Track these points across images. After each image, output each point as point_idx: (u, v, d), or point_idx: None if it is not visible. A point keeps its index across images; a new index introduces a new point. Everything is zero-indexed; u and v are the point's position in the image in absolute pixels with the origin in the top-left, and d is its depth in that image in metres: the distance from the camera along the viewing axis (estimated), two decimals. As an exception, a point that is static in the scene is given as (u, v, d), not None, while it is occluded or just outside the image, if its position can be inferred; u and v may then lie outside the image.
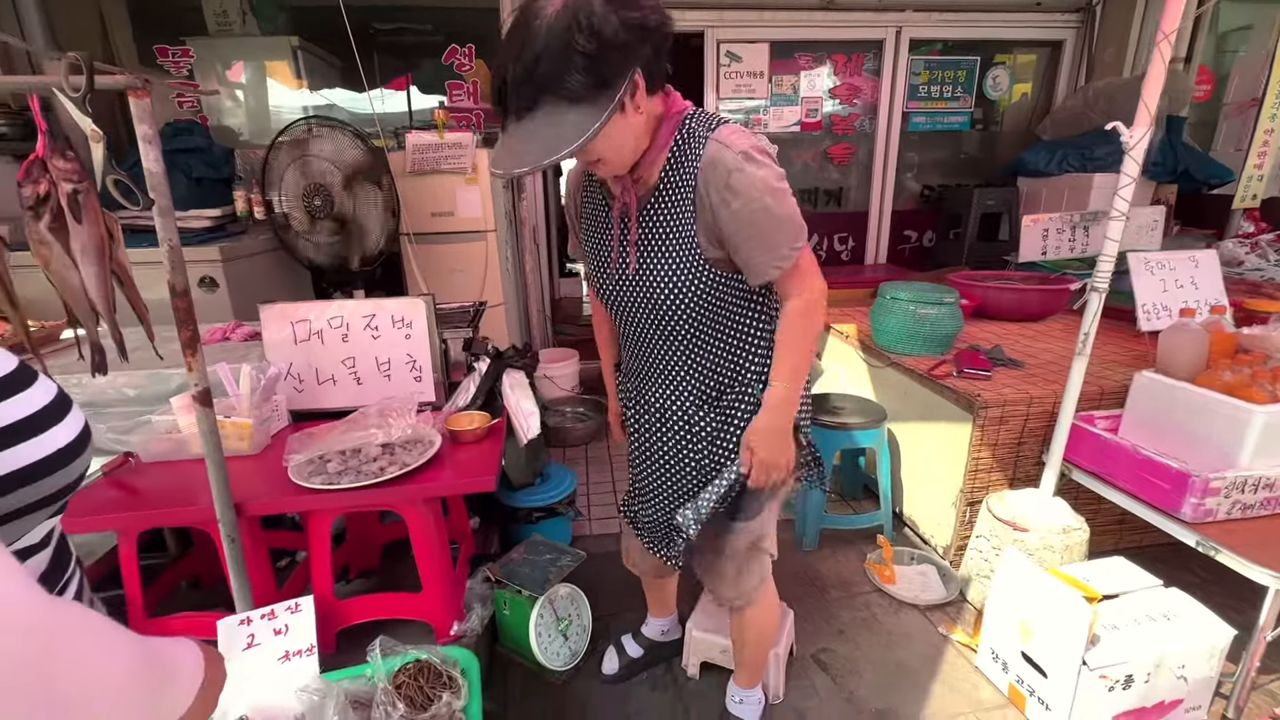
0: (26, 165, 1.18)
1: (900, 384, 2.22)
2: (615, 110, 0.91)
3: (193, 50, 3.38)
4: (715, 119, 1.03)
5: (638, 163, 1.02)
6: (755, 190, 0.96)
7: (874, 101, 3.85)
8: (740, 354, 1.15)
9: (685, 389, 1.18)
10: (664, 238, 1.04)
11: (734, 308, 1.10)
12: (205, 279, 2.48)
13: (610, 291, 1.15)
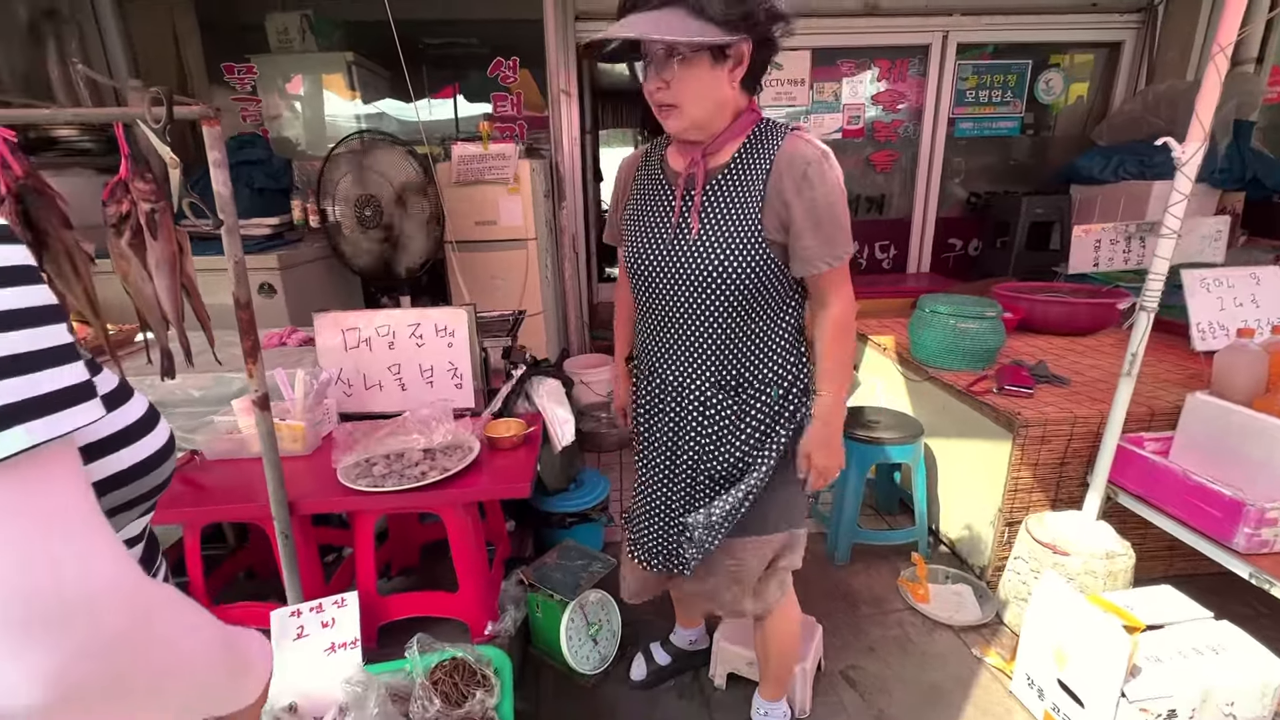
0: (111, 186, 1.29)
1: (938, 399, 2.18)
2: (721, 57, 1.00)
3: (256, 67, 3.57)
4: (793, 124, 1.12)
5: (707, 143, 1.08)
6: (829, 186, 1.05)
7: (918, 107, 3.78)
8: (766, 347, 1.17)
9: (706, 372, 1.18)
10: (729, 210, 1.08)
11: (773, 296, 1.13)
12: (264, 285, 2.62)
13: (659, 260, 1.14)
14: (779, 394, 1.20)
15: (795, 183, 1.05)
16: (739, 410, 1.19)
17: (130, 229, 1.31)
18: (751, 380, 1.18)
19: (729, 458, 1.21)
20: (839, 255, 1.09)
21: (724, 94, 1.05)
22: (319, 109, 3.74)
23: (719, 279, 1.10)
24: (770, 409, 1.20)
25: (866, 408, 2.31)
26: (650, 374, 1.27)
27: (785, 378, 1.20)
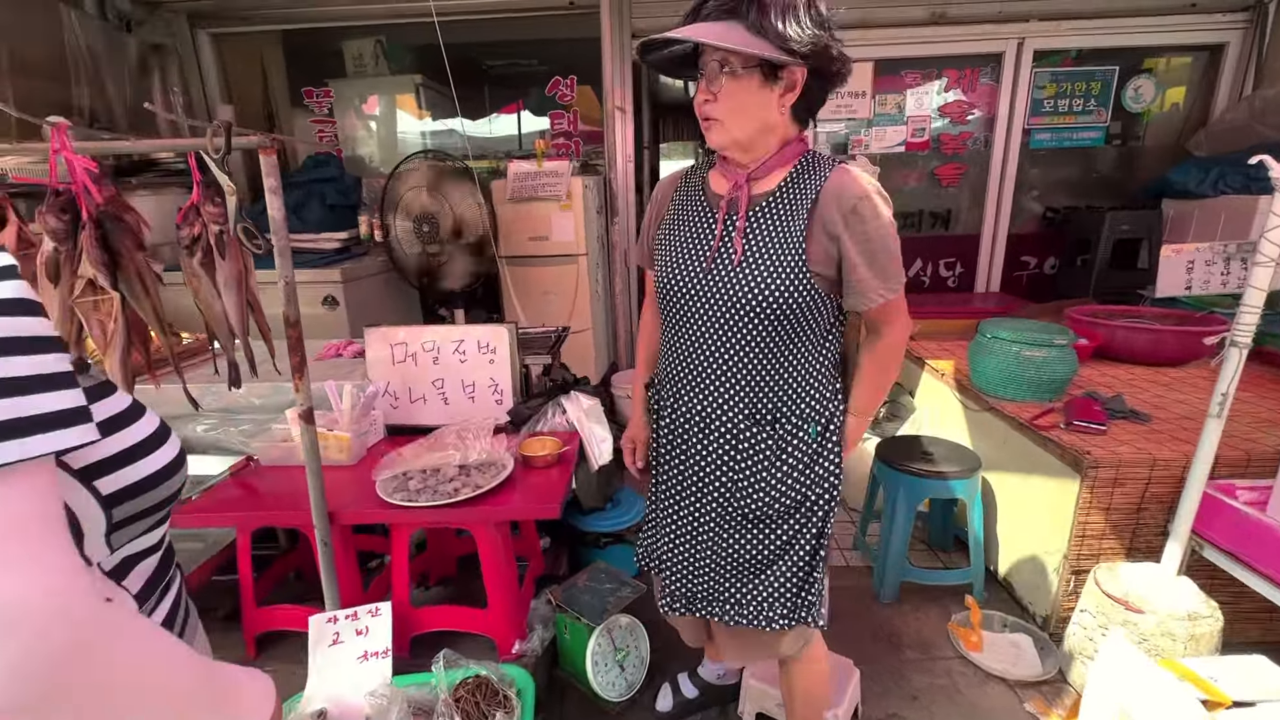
0: (184, 211, 1.38)
1: (999, 431, 2.04)
2: (772, 78, 0.99)
3: (332, 90, 3.80)
4: (839, 158, 1.11)
5: (752, 167, 1.07)
6: (881, 220, 1.02)
7: (990, 118, 3.59)
8: (803, 380, 1.12)
9: (740, 405, 1.14)
10: (773, 237, 1.06)
11: (814, 327, 1.10)
12: (328, 298, 2.77)
13: (695, 283, 1.11)
14: (817, 430, 1.15)
15: (844, 217, 1.02)
16: (777, 445, 1.15)
17: (201, 250, 1.40)
18: (790, 414, 1.14)
19: (766, 495, 1.16)
20: (892, 288, 1.06)
21: (771, 117, 1.03)
22: (389, 128, 3.93)
23: (760, 306, 1.06)
24: (809, 446, 1.15)
25: (922, 437, 2.19)
26: (674, 405, 1.23)
27: (824, 414, 1.15)
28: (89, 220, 1.20)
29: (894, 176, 3.71)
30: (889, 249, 1.04)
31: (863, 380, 1.18)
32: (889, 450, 2.07)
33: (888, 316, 1.11)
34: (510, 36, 3.70)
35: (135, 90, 3.27)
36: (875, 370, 1.16)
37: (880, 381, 1.18)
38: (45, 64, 2.80)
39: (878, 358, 1.16)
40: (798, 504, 1.17)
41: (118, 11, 3.13)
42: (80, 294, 1.21)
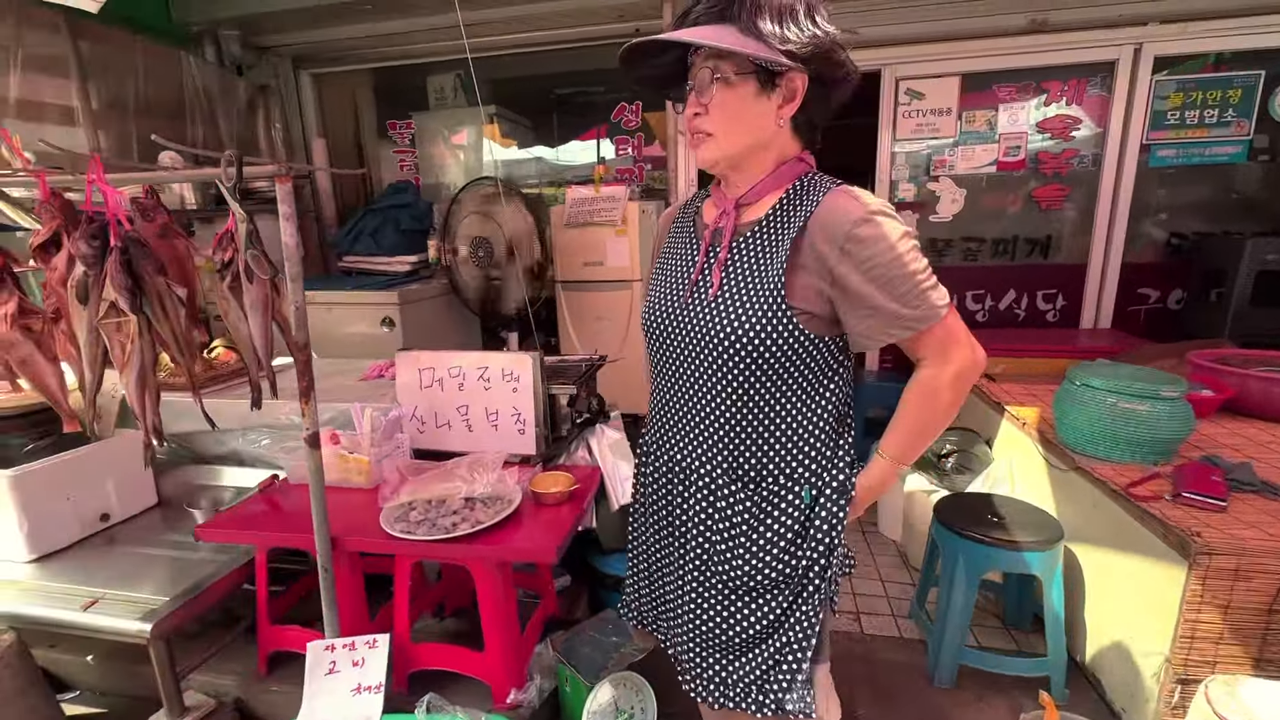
0: (220, 237, 1.44)
1: (1087, 495, 1.73)
2: (769, 85, 0.90)
3: (414, 122, 4.01)
4: (838, 182, 0.96)
5: (744, 190, 0.97)
6: (882, 242, 0.87)
7: (1099, 134, 3.19)
8: (794, 436, 0.98)
9: (719, 456, 1.01)
10: (751, 271, 0.95)
11: (805, 375, 0.96)
12: (386, 319, 2.87)
13: (672, 318, 1.02)
14: (810, 496, 0.99)
15: (838, 246, 0.88)
16: (759, 509, 1.00)
17: (231, 274, 1.45)
18: (776, 475, 0.99)
19: (746, 565, 1.01)
20: (917, 317, 0.88)
21: (768, 130, 0.93)
22: (465, 157, 4.09)
23: (734, 346, 0.93)
24: (799, 513, 0.99)
25: (994, 496, 1.91)
26: (658, 453, 1.12)
27: (820, 476, 0.99)
28: (115, 247, 1.27)
29: (983, 199, 3.37)
30: (906, 270, 0.87)
31: (896, 419, 1.00)
32: (950, 510, 1.82)
33: (929, 349, 0.93)
34: (579, 67, 3.75)
35: (243, 126, 3.60)
36: (911, 409, 0.97)
37: (916, 424, 0.98)
38: (166, 104, 3.14)
39: (912, 391, 0.97)
40: (786, 578, 1.00)
41: (232, 57, 3.47)
42: (104, 315, 1.28)
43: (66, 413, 1.49)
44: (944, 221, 3.41)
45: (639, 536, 1.20)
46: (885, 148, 3.36)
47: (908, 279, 0.88)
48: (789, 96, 0.91)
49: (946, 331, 0.91)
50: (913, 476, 2.39)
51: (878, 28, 3.14)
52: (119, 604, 1.53)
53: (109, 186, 1.27)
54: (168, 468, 2.16)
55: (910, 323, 0.89)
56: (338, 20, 3.22)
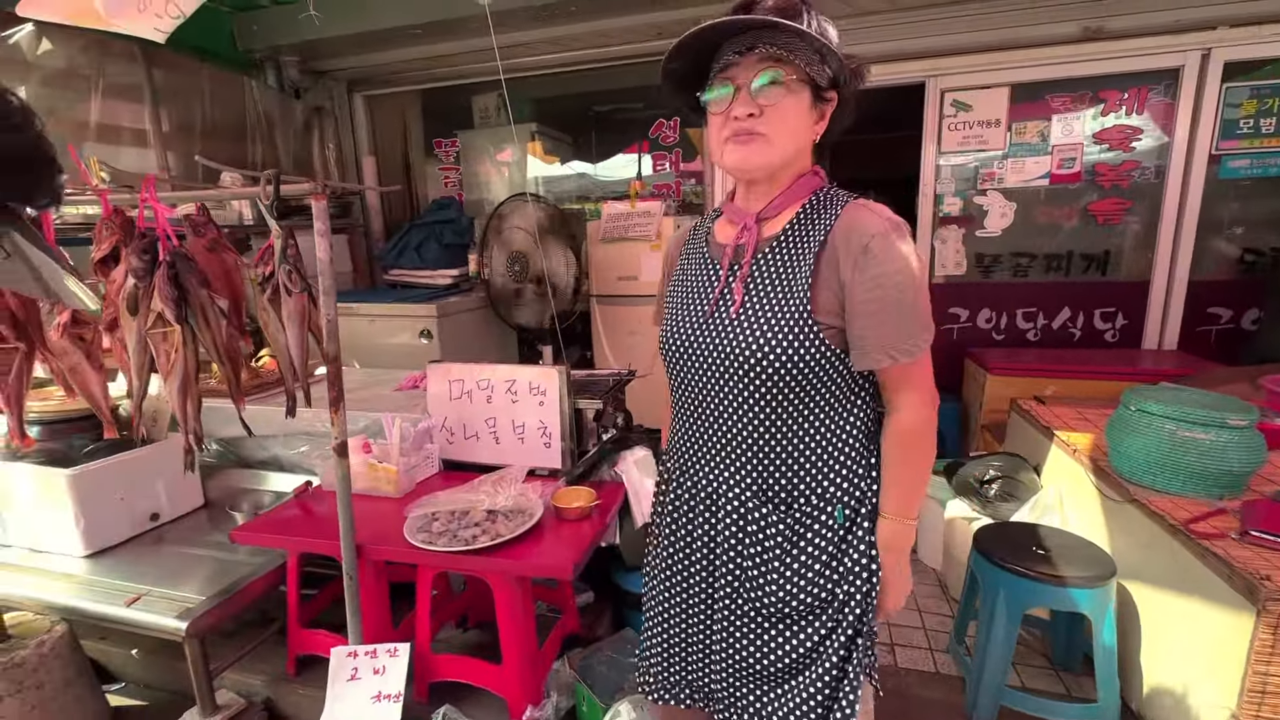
0: (262, 252, 1.51)
1: (1144, 529, 1.61)
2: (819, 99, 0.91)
3: (459, 140, 4.14)
4: (855, 195, 0.97)
5: (764, 206, 0.97)
6: (896, 262, 0.87)
7: (1163, 145, 3.01)
8: (825, 454, 0.96)
9: (748, 479, 0.99)
10: (774, 287, 0.94)
11: (834, 391, 0.94)
12: (424, 331, 2.94)
13: (694, 337, 1.00)
14: (844, 515, 0.97)
15: (854, 258, 0.88)
16: (792, 532, 0.97)
17: (271, 287, 1.51)
18: (808, 495, 0.97)
19: (781, 590, 0.98)
20: (908, 349, 0.89)
21: (806, 141, 0.94)
22: (507, 173, 4.19)
23: (761, 363, 0.92)
24: (834, 534, 0.97)
25: (1040, 527, 1.81)
26: (680, 479, 1.09)
27: (852, 495, 0.97)
28: (164, 262, 1.34)
29: (1035, 213, 3.23)
30: (906, 298, 0.87)
31: (889, 475, 0.97)
32: (992, 539, 1.72)
33: (902, 385, 0.93)
34: (618, 84, 3.80)
35: (300, 146, 3.79)
36: (896, 460, 0.96)
37: (904, 475, 0.96)
38: (230, 127, 3.33)
39: (894, 442, 0.96)
40: (823, 602, 0.98)
41: (290, 81, 3.66)
42: (151, 325, 1.35)
43: (108, 419, 1.57)
44: (992, 236, 3.28)
45: (657, 568, 1.15)
46: (929, 160, 3.26)
47: (905, 308, 0.88)
48: (822, 115, 0.94)
49: (924, 370, 0.93)
50: (954, 502, 2.28)
51: (921, 39, 3.07)
52: (160, 601, 1.60)
53: (160, 204, 1.35)
54: (214, 471, 2.26)
55: (894, 354, 0.88)
56: (389, 44, 3.36)
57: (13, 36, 2.41)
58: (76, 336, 1.41)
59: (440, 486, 1.75)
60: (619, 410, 2.04)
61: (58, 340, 1.38)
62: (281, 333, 1.53)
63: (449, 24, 3.04)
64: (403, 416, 1.87)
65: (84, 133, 2.66)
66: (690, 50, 0.91)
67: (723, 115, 0.92)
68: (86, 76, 2.64)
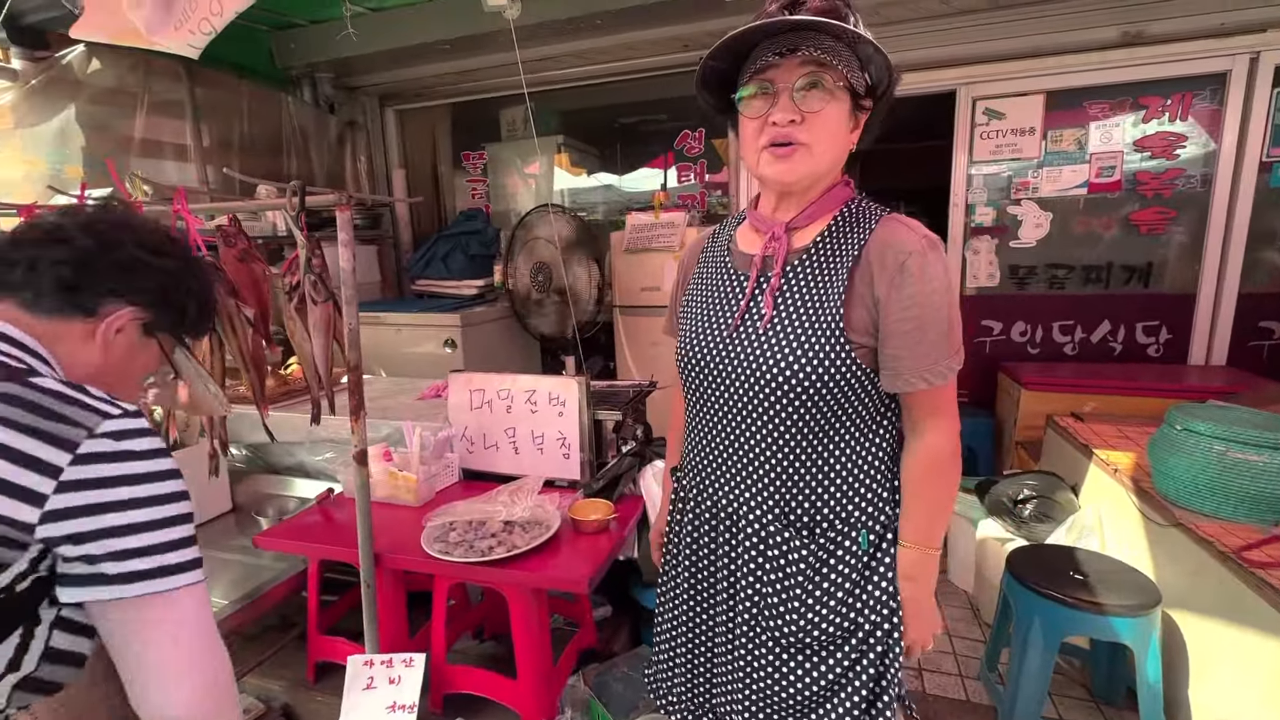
0: (290, 261, 1.53)
1: (1191, 556, 1.52)
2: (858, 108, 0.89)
3: (486, 153, 4.20)
4: (888, 209, 0.93)
5: (795, 215, 0.93)
6: (933, 282, 0.84)
7: (1210, 153, 2.89)
8: (851, 477, 0.92)
9: (770, 501, 0.94)
10: (806, 301, 0.90)
11: (862, 411, 0.91)
12: (449, 340, 2.97)
13: (717, 349, 0.95)
14: (869, 540, 0.93)
15: (889, 276, 0.85)
16: (816, 559, 0.93)
17: (298, 296, 1.54)
18: (832, 519, 0.93)
19: (804, 619, 0.93)
20: (942, 371, 0.85)
21: (844, 152, 0.91)
22: (535, 185, 4.24)
23: (790, 380, 0.88)
24: (859, 560, 0.93)
25: (1078, 550, 1.72)
26: (698, 498, 1.04)
27: (877, 519, 0.94)
28: (194, 270, 1.37)
29: (1072, 223, 3.12)
30: (941, 319, 0.84)
31: (910, 503, 0.93)
32: (1026, 562, 1.65)
33: (931, 409, 0.89)
34: (644, 96, 3.81)
35: (333, 160, 3.89)
36: (922, 485, 0.92)
37: (929, 500, 0.92)
38: (266, 141, 3.43)
39: (919, 467, 0.92)
40: (848, 632, 0.93)
41: (325, 96, 3.77)
42: (181, 334, 1.38)
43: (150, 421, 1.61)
44: (1027, 247, 3.19)
45: (671, 590, 1.11)
46: (960, 170, 3.19)
47: (938, 330, 0.85)
48: (859, 123, 0.91)
49: (953, 394, 0.90)
50: (986, 521, 2.20)
51: (951, 47, 3.01)
52: (185, 604, 1.63)
53: (191, 216, 1.38)
54: (242, 476, 2.30)
55: (928, 376, 0.85)
56: (419, 59, 3.43)
57: (65, 57, 2.53)
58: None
59: (460, 496, 1.75)
60: (639, 422, 2.02)
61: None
62: (307, 341, 1.56)
63: (477, 39, 3.09)
64: (424, 425, 1.88)
65: (129, 147, 2.77)
66: (730, 51, 0.88)
67: (760, 120, 0.87)
68: (133, 94, 2.75)
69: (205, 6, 1.90)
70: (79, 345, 0.74)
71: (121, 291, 0.76)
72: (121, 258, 0.76)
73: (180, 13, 1.93)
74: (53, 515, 0.59)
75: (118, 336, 0.76)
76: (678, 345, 1.06)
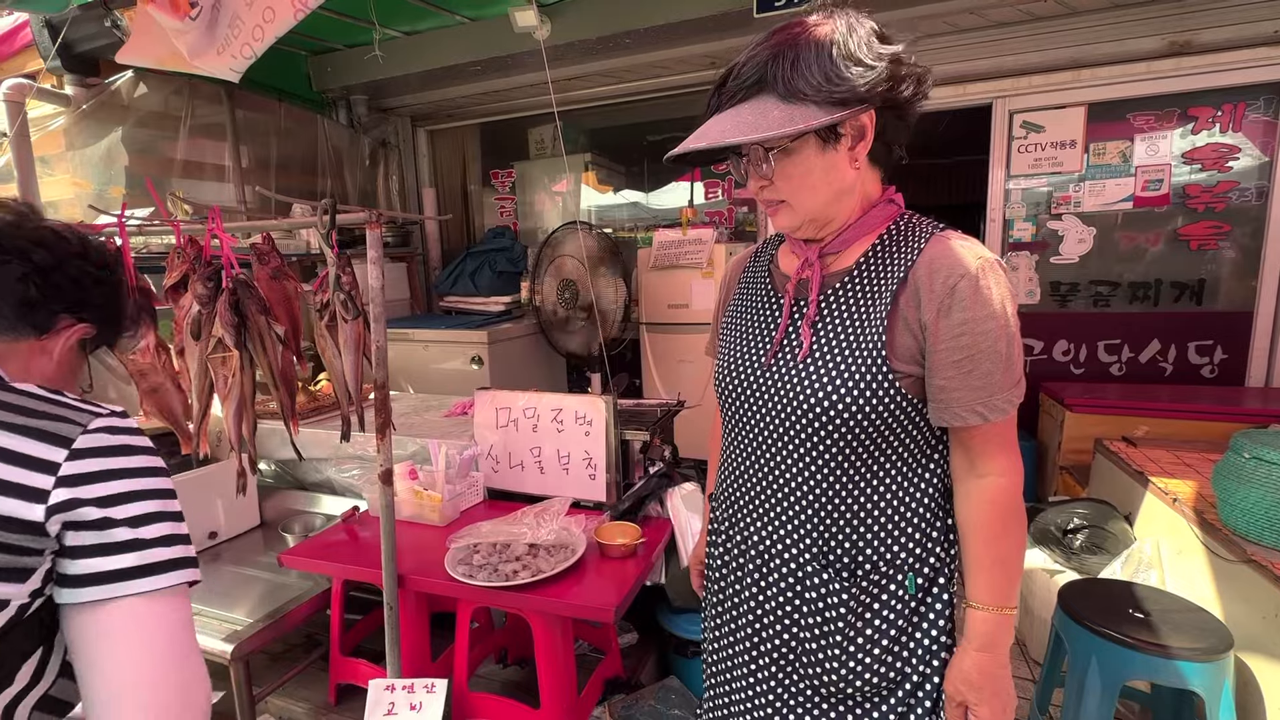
0: (321, 278, 1.54)
1: (1266, 597, 1.41)
2: (831, 137, 0.79)
3: (515, 170, 4.24)
4: (941, 226, 0.86)
5: (828, 239, 0.87)
6: (988, 306, 0.77)
7: (1266, 164, 2.76)
8: (896, 515, 0.85)
9: (808, 540, 0.88)
10: (846, 327, 0.84)
11: (908, 446, 0.85)
12: (475, 357, 2.97)
13: (754, 382, 0.91)
14: (916, 585, 0.86)
15: (938, 300, 0.78)
16: (856, 603, 0.86)
17: (329, 314, 1.54)
18: (875, 561, 0.86)
19: (842, 668, 0.87)
20: (999, 405, 0.78)
21: (845, 179, 0.83)
22: (562, 202, 4.26)
23: (829, 414, 0.82)
24: (905, 605, 0.86)
25: (1137, 586, 1.61)
26: (730, 530, 0.99)
27: (926, 561, 0.86)
28: (227, 289, 1.38)
29: (1117, 238, 3.01)
30: (997, 350, 0.77)
31: (977, 556, 0.83)
32: (1080, 597, 1.55)
33: (991, 447, 0.81)
34: (670, 114, 3.82)
35: (365, 179, 3.96)
36: (991, 535, 0.82)
37: (1001, 553, 0.83)
38: (302, 160, 3.52)
39: (983, 514, 0.83)
40: (892, 683, 0.86)
41: (359, 118, 3.85)
42: (212, 350, 1.39)
43: (186, 435, 1.61)
44: (1069, 263, 3.07)
45: (713, 621, 1.07)
46: (998, 184, 3.10)
47: (995, 360, 0.77)
48: (858, 135, 0.81)
49: (1011, 431, 0.82)
50: (1033, 551, 2.09)
51: (987, 60, 2.94)
52: (211, 622, 1.62)
53: (225, 234, 1.39)
54: (271, 492, 2.31)
55: (983, 411, 0.78)
56: (451, 81, 3.49)
57: (115, 83, 2.63)
58: (157, 359, 1.46)
59: (485, 515, 1.72)
60: (666, 442, 1.98)
61: (145, 361, 1.44)
62: (337, 358, 1.55)
63: (507, 60, 3.13)
64: (449, 443, 1.86)
65: (171, 168, 2.86)
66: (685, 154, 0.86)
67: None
68: (177, 117, 2.84)
69: (247, 33, 1.95)
70: (29, 360, 0.73)
71: (75, 308, 0.76)
72: (73, 274, 0.76)
73: (222, 38, 1.99)
74: (58, 508, 0.58)
75: (68, 349, 0.77)
76: (714, 368, 1.02)
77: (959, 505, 0.85)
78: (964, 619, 0.85)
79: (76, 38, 2.44)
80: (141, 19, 2.15)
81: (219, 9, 2.06)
